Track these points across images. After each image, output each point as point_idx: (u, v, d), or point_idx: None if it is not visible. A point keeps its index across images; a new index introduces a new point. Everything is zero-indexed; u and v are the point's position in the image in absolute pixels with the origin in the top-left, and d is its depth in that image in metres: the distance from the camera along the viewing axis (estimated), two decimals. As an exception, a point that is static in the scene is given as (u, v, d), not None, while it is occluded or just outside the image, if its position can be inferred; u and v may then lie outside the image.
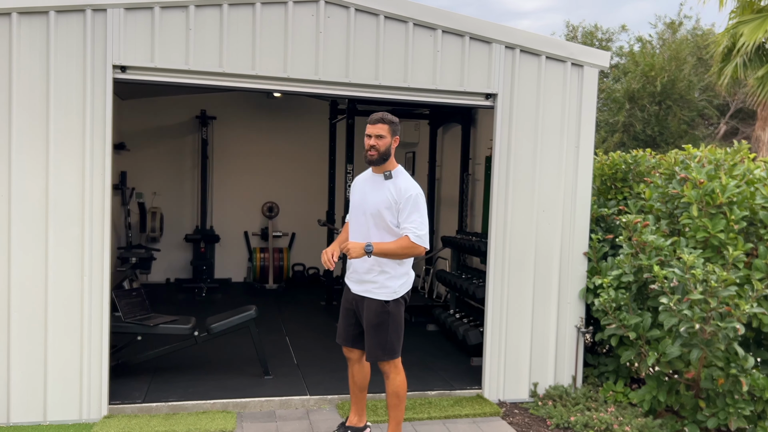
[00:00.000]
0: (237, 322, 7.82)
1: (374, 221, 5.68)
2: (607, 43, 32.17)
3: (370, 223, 5.70)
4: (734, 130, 28.37)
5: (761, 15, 16.63)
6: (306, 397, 7.23)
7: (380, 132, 5.65)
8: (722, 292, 5.87)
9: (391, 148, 5.73)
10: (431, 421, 6.97)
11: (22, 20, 6.24)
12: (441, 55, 7.25)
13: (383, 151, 5.68)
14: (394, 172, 5.77)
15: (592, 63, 7.66)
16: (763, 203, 6.42)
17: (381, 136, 5.65)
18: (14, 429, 6.33)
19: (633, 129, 27.61)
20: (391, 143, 5.72)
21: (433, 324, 10.81)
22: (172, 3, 6.50)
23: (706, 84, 27.61)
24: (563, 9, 70.32)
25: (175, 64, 6.59)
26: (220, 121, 14.55)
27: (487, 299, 7.58)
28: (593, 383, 7.89)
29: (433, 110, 12.29)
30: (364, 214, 5.74)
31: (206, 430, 6.44)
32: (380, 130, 5.65)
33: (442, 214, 12.88)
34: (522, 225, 7.56)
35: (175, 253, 14.62)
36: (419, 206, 5.60)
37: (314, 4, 6.88)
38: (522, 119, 7.50)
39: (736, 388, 6.26)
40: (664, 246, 6.60)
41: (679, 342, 6.24)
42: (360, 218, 5.78)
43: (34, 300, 6.39)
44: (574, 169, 7.68)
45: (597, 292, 7.46)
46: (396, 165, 5.83)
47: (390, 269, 5.70)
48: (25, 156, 6.28)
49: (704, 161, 7.21)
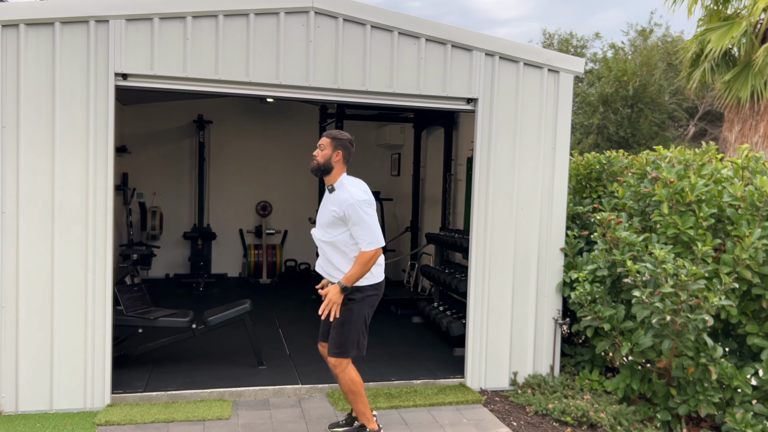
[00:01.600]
0: (232, 315, 7.82)
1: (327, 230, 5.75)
2: (582, 49, 32.21)
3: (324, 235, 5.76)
4: (703, 132, 28.46)
5: (727, 23, 16.69)
6: (298, 386, 7.24)
7: (322, 143, 5.75)
8: (692, 285, 5.90)
9: (332, 161, 5.71)
10: (417, 409, 6.98)
11: (29, 31, 6.24)
12: (425, 62, 7.27)
13: (323, 163, 5.71)
14: (336, 184, 5.74)
15: (568, 69, 7.69)
16: (730, 201, 6.45)
17: (322, 147, 5.73)
18: (22, 417, 6.32)
19: (607, 131, 27.69)
20: (332, 156, 5.70)
21: (418, 316, 10.82)
22: (170, 14, 6.51)
23: (675, 88, 27.70)
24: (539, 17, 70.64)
25: (174, 72, 6.59)
26: (216, 125, 14.56)
27: (469, 293, 7.60)
28: (570, 372, 7.92)
29: (418, 114, 12.32)
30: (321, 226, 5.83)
31: (204, 417, 6.45)
32: (323, 141, 5.75)
33: (427, 212, 12.89)
34: (502, 222, 7.58)
35: (174, 250, 14.61)
36: (360, 215, 5.54)
37: (305, 14, 6.89)
38: (501, 122, 7.52)
39: (705, 377, 6.29)
40: (636, 242, 6.63)
41: (651, 333, 6.27)
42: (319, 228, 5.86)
43: (41, 295, 6.39)
44: (551, 169, 7.70)
45: (573, 286, 7.49)
46: (339, 177, 5.78)
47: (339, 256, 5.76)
48: (32, 159, 6.29)
49: (674, 161, 7.24)
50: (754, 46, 16.44)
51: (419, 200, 13.04)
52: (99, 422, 6.23)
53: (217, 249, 14.87)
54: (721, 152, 16.77)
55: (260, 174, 15.02)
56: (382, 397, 7.11)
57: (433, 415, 6.82)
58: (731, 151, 16.81)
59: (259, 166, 15.00)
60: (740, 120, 16.97)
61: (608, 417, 6.60)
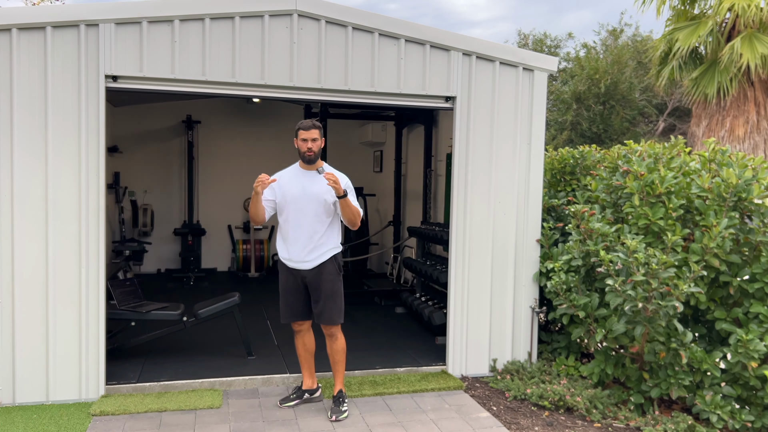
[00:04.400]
0: (222, 307, 7.80)
1: (323, 207, 6.19)
2: (556, 49, 32.25)
3: (319, 210, 6.19)
4: (672, 127, 28.55)
5: (694, 22, 16.78)
6: (286, 375, 7.22)
7: (315, 136, 6.18)
8: (662, 273, 5.92)
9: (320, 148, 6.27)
10: (400, 395, 6.99)
11: (21, 35, 6.19)
12: (404, 62, 7.26)
13: (317, 152, 6.22)
14: (325, 167, 6.28)
15: (542, 67, 7.70)
16: (698, 192, 6.47)
17: (315, 139, 6.19)
18: (20, 408, 6.29)
19: (580, 127, 27.75)
20: (320, 144, 6.25)
21: (401, 307, 10.83)
22: (158, 18, 6.47)
23: (645, 85, 27.76)
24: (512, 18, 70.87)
25: (162, 74, 6.56)
26: (205, 124, 14.51)
27: (450, 283, 7.61)
28: (547, 358, 7.94)
29: (399, 112, 12.31)
30: (309, 201, 6.19)
31: (195, 406, 6.44)
32: (315, 134, 6.18)
33: (408, 206, 12.86)
34: (480, 215, 7.58)
35: (165, 246, 14.56)
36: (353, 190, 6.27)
37: (288, 17, 6.87)
38: (479, 119, 7.52)
39: (676, 361, 6.32)
40: (609, 233, 6.64)
41: (624, 320, 6.30)
42: (307, 205, 6.19)
43: (36, 291, 6.37)
44: (527, 164, 7.71)
45: (549, 276, 7.51)
46: (322, 162, 6.39)
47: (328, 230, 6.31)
48: (26, 159, 6.25)
49: (644, 155, 7.26)
50: (720, 44, 16.56)
51: (401, 195, 13.01)
52: (94, 412, 6.20)
53: (207, 244, 14.83)
54: (690, 146, 16.85)
55: (247, 171, 14.96)
56: (368, 385, 7.11)
57: (417, 401, 6.83)
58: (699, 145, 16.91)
59: (247, 164, 14.96)
60: (707, 115, 17.08)
61: (584, 401, 6.63)
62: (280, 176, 6.32)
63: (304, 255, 6.21)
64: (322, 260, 6.23)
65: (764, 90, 16.33)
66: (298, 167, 6.33)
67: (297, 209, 6.19)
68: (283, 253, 6.33)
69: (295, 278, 6.33)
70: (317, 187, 6.17)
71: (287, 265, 6.32)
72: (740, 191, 6.30)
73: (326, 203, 6.16)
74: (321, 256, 6.23)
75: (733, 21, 16.40)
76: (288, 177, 6.30)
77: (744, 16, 15.70)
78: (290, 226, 6.23)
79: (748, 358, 5.96)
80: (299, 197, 6.17)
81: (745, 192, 6.28)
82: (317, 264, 6.22)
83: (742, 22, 15.91)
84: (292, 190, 6.21)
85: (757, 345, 5.88)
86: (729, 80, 16.09)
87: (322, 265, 6.23)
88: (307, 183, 6.20)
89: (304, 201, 6.16)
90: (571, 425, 6.37)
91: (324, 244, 6.23)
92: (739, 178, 6.32)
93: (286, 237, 6.25)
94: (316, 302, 6.32)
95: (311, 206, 6.16)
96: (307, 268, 6.23)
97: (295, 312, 6.41)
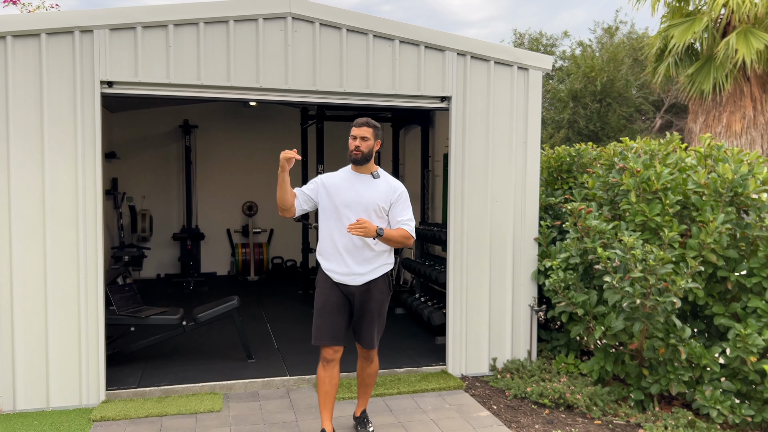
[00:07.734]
0: (221, 311, 7.80)
1: (376, 215, 5.51)
2: (552, 48, 32.26)
3: (372, 217, 5.50)
4: (669, 124, 28.59)
5: (689, 18, 16.79)
6: (286, 378, 7.23)
7: (365, 134, 5.51)
8: (660, 269, 5.93)
9: (373, 150, 5.60)
10: (401, 396, 7.00)
11: (16, 43, 6.21)
12: (399, 63, 7.27)
13: (367, 153, 5.52)
14: (380, 172, 5.67)
15: (537, 66, 7.71)
16: (695, 188, 6.48)
17: (365, 138, 5.51)
18: (21, 415, 6.29)
19: (577, 125, 27.78)
20: (374, 146, 5.58)
21: (400, 308, 10.85)
22: (152, 23, 6.48)
23: (641, 82, 27.80)
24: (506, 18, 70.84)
25: (158, 79, 6.57)
26: (202, 129, 14.54)
27: (449, 283, 7.61)
28: (547, 356, 7.95)
29: (395, 113, 12.31)
30: (365, 209, 5.49)
31: (196, 410, 6.44)
32: (365, 132, 5.51)
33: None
34: (478, 215, 7.59)
35: (164, 251, 14.57)
36: (408, 202, 5.63)
37: (282, 20, 6.88)
38: (475, 119, 7.53)
39: (675, 357, 6.32)
40: (606, 230, 6.65)
41: (622, 316, 6.30)
42: (362, 214, 5.50)
43: (35, 297, 6.37)
44: (523, 162, 7.72)
45: (547, 274, 7.52)
46: (377, 166, 5.70)
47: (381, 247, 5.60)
48: (22, 166, 6.26)
49: (640, 152, 7.27)
50: (715, 40, 16.57)
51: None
52: (94, 418, 6.20)
53: (206, 249, 14.86)
54: (687, 142, 16.87)
55: (245, 175, 14.99)
56: (368, 386, 7.12)
57: (417, 402, 6.83)
58: (696, 141, 16.92)
59: (244, 168, 14.98)
60: (704, 111, 17.08)
61: (584, 398, 6.63)
62: (330, 177, 5.70)
63: (355, 268, 5.54)
64: (375, 276, 5.59)
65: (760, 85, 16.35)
66: (350, 170, 5.67)
67: (350, 217, 5.52)
68: (329, 264, 5.61)
69: (341, 294, 5.61)
70: (372, 192, 5.55)
71: (332, 278, 5.60)
72: (736, 186, 6.31)
73: (383, 211, 5.58)
74: (374, 270, 5.59)
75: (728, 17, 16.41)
76: (339, 179, 5.64)
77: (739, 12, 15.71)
78: (340, 235, 5.55)
79: (747, 353, 5.96)
80: (353, 203, 5.52)
81: (742, 187, 6.29)
82: (369, 279, 5.58)
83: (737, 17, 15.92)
84: (346, 194, 5.55)
85: (756, 339, 5.89)
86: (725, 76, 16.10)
87: (374, 281, 5.60)
88: (360, 187, 5.57)
89: (359, 209, 5.51)
90: (572, 423, 6.38)
91: (378, 257, 5.59)
92: (735, 173, 6.33)
93: (335, 246, 5.55)
94: (359, 321, 5.69)
95: (366, 215, 5.52)
96: (357, 284, 5.55)
97: (335, 334, 5.55)
